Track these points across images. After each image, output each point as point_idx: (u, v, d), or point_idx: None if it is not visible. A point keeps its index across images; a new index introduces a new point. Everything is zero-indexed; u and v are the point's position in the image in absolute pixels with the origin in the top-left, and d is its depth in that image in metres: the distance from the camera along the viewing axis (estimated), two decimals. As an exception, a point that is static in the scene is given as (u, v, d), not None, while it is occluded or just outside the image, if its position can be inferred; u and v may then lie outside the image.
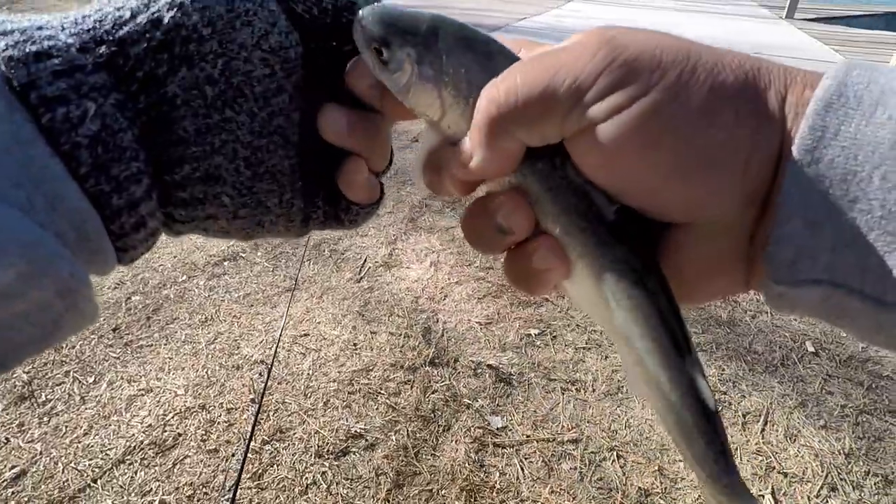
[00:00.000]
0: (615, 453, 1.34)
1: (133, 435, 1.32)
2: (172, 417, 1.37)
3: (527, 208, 0.23)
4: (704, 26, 7.41)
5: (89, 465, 1.24)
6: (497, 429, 1.40)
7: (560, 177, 0.22)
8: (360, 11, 0.25)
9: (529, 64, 0.21)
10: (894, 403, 1.50)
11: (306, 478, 1.25)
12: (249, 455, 1.29)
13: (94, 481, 1.21)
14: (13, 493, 1.17)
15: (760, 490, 1.26)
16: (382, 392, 1.48)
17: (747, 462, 1.32)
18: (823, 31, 7.67)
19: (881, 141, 0.16)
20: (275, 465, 1.28)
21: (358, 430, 1.37)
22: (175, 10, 0.23)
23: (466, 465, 1.30)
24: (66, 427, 1.33)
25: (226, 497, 1.20)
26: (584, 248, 0.22)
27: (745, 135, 0.19)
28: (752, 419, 1.43)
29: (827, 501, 1.24)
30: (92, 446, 1.28)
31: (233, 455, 1.29)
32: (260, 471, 1.26)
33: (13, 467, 1.22)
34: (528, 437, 1.38)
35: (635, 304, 0.21)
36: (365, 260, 2.05)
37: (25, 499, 1.16)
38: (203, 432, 1.34)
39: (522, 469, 1.30)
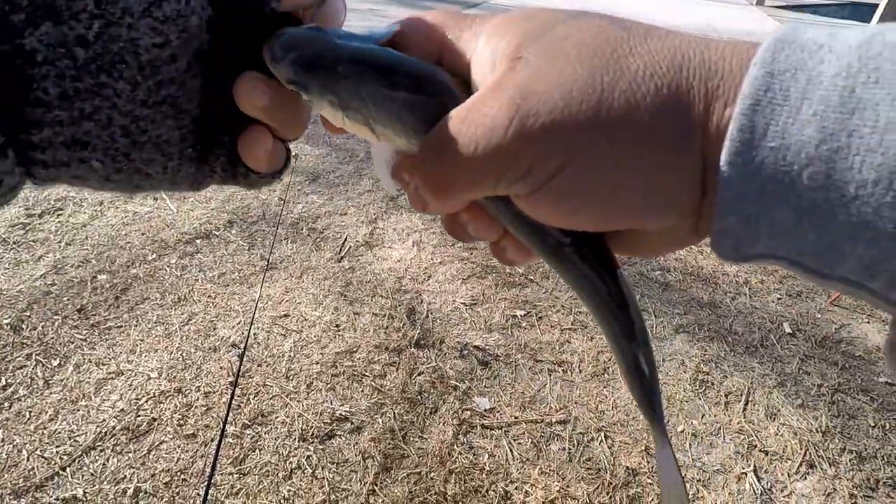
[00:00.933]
0: (603, 434, 1.34)
1: (104, 420, 1.25)
2: (146, 402, 1.30)
3: (491, 223, 0.25)
4: (675, 13, 7.46)
5: (57, 452, 1.17)
6: (485, 410, 1.38)
7: (518, 218, 0.23)
8: (269, 48, 0.24)
9: (452, 132, 0.21)
10: (866, 382, 1.55)
11: (290, 462, 1.21)
12: (230, 440, 1.24)
13: (63, 469, 1.14)
14: (-27, 483, 1.09)
15: (743, 468, 1.28)
16: (367, 374, 1.45)
17: (730, 441, 1.34)
18: (791, 19, 7.83)
19: (808, 140, 0.16)
20: (257, 450, 1.23)
21: (343, 413, 1.33)
22: None
23: (455, 447, 1.28)
24: (30, 413, 1.25)
25: (205, 483, 1.15)
26: (550, 265, 0.26)
27: (663, 177, 0.19)
28: (734, 399, 1.46)
29: (806, 478, 1.27)
30: (59, 432, 1.21)
31: (212, 440, 1.24)
32: (241, 456, 1.21)
33: (-28, 456, 1.14)
34: (515, 418, 1.36)
35: (593, 307, 0.26)
36: (345, 239, 1.99)
37: (-13, 489, 1.08)
38: (180, 417, 1.28)
39: (511, 450, 1.29)
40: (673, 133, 0.18)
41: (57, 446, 1.18)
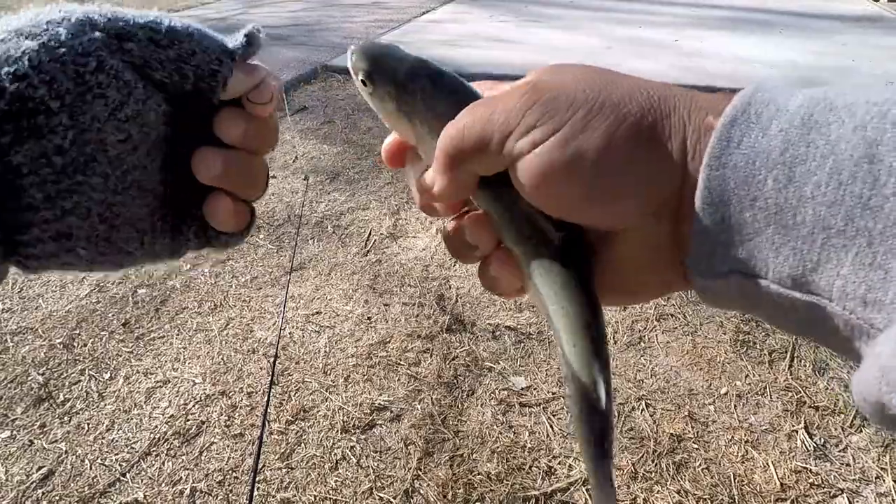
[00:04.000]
0: (643, 402, 1.32)
1: (156, 426, 1.30)
2: (193, 406, 1.36)
3: (488, 229, 0.27)
4: None
5: (116, 459, 1.23)
6: (521, 389, 1.38)
7: (513, 208, 0.26)
8: (356, 45, 0.29)
9: (477, 107, 0.25)
10: (920, 328, 1.48)
11: (335, 454, 1.24)
12: (275, 436, 1.28)
13: (123, 475, 1.20)
14: (43, 493, 1.16)
15: (793, 425, 1.24)
16: (402, 363, 1.46)
17: (777, 399, 1.31)
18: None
19: (773, 149, 0.19)
20: (302, 444, 1.26)
21: (382, 403, 1.35)
22: (19, 81, 0.22)
23: (495, 427, 1.29)
24: (88, 424, 1.31)
25: (257, 480, 1.19)
26: (532, 268, 0.26)
27: (640, 166, 0.22)
28: (779, 357, 1.41)
29: (861, 430, 1.23)
30: (116, 441, 1.27)
31: (259, 437, 1.28)
32: (287, 451, 1.25)
33: (40, 468, 1.20)
34: (553, 394, 1.36)
35: (566, 313, 0.26)
36: (370, 233, 2.01)
37: (56, 498, 1.15)
38: (226, 418, 1.32)
39: (551, 426, 1.28)
40: (650, 133, 0.22)
41: (116, 454, 1.24)
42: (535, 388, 1.38)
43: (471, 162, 0.25)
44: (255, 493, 1.17)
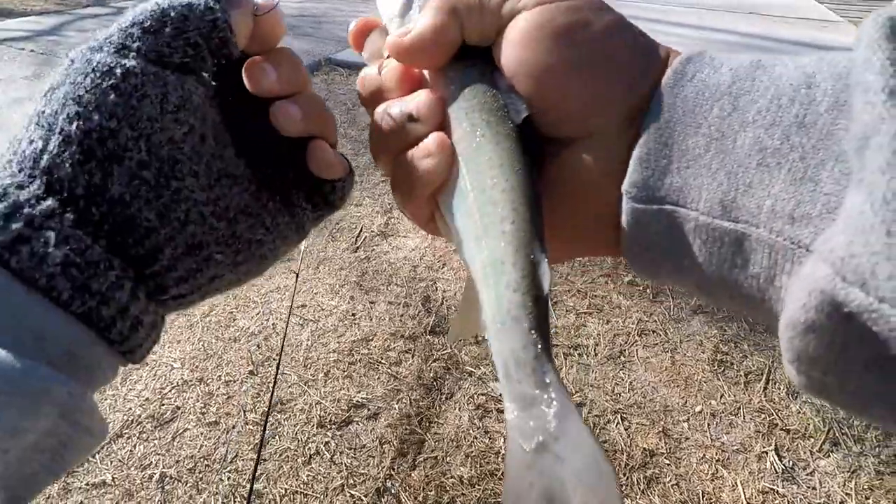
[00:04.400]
0: (619, 416, 1.33)
1: (130, 409, 1.29)
2: (170, 391, 1.35)
3: (440, 104, 0.27)
4: None
5: (87, 440, 1.22)
6: (500, 395, 1.38)
7: (484, 80, 0.26)
8: None
9: None
10: (894, 360, 1.50)
11: (309, 448, 1.24)
12: (250, 427, 1.28)
13: (92, 455, 1.18)
14: (10, 470, 1.14)
15: (764, 447, 1.26)
16: (383, 361, 1.46)
17: (750, 420, 1.33)
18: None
19: (721, 83, 0.22)
20: (277, 437, 1.26)
21: (360, 400, 1.35)
22: (75, 120, 0.23)
23: (471, 431, 1.29)
24: (61, 403, 1.30)
25: (228, 469, 1.19)
26: (483, 138, 0.25)
27: (636, 59, 0.24)
28: (754, 378, 1.43)
29: (829, 455, 1.25)
30: (89, 422, 1.26)
31: (233, 427, 1.27)
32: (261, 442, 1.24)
33: (8, 445, 1.19)
34: (531, 401, 1.37)
35: (510, 186, 0.24)
36: (361, 230, 2.01)
37: (23, 476, 1.13)
38: (202, 405, 1.32)
39: (527, 433, 1.29)
40: (647, 45, 0.25)
41: (87, 435, 1.23)
42: (513, 395, 1.38)
43: (465, 14, 0.25)
44: (226, 482, 1.16)
